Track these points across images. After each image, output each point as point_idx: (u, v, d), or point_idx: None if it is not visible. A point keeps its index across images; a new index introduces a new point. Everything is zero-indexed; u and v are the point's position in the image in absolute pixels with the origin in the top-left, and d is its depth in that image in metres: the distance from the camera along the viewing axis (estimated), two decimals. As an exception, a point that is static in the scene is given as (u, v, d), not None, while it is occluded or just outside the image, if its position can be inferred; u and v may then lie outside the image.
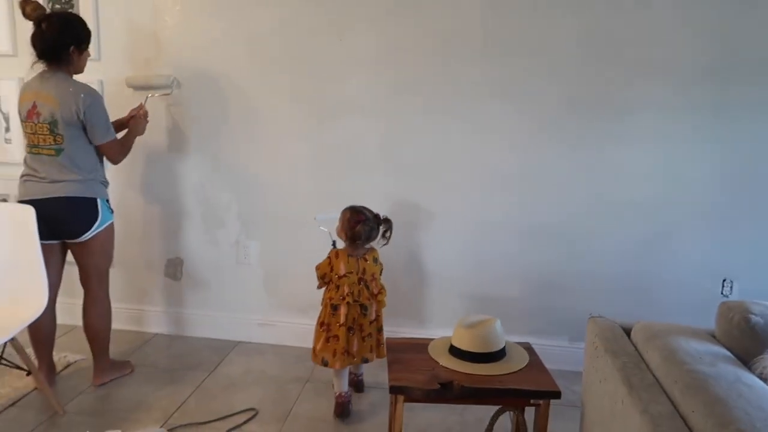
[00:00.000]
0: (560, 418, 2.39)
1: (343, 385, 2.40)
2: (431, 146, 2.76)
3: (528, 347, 2.02)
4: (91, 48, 2.85)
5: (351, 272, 2.35)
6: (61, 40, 2.27)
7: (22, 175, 2.39)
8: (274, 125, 2.84)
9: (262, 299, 3.03)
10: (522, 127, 2.70)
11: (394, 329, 2.91)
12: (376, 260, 2.43)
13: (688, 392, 1.24)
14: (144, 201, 3.02)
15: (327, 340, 2.35)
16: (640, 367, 1.44)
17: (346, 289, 2.33)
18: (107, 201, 2.45)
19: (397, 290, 2.91)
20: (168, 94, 2.86)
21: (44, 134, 2.29)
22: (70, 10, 2.35)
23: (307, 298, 2.98)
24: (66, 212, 2.33)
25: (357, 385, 2.60)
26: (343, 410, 2.38)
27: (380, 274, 2.47)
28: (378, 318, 2.43)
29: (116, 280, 3.06)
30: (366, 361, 2.43)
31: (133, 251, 3.08)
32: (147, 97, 2.75)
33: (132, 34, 2.85)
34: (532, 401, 1.79)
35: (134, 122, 2.58)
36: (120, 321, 3.05)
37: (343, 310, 2.33)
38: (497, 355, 1.89)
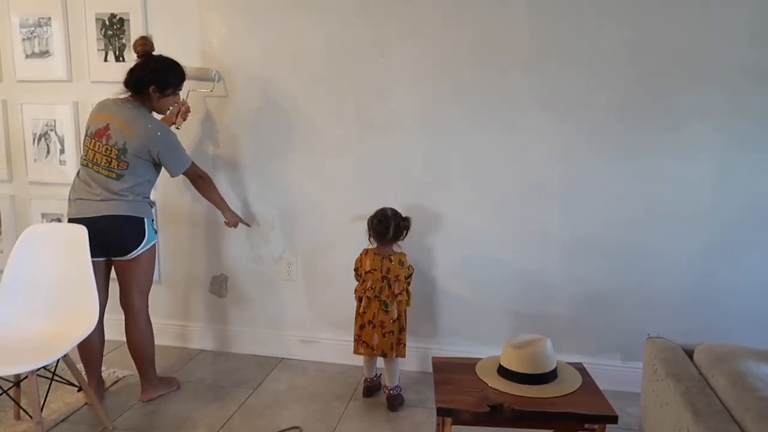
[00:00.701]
0: (615, 443, 2.30)
1: (368, 372, 2.67)
2: (477, 159, 2.72)
3: (580, 368, 1.94)
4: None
5: (375, 269, 2.53)
6: (144, 77, 2.39)
7: (74, 193, 2.45)
8: (319, 141, 2.85)
9: (305, 316, 3.03)
10: (570, 138, 2.63)
11: (440, 347, 2.87)
12: (402, 263, 2.55)
13: (762, 421, 1.16)
14: (189, 218, 3.07)
15: (359, 327, 2.59)
16: (705, 393, 1.36)
17: (369, 284, 2.52)
18: (152, 221, 2.52)
19: (442, 307, 2.87)
20: (210, 90, 2.87)
21: (110, 157, 2.36)
22: (172, 59, 2.47)
23: (350, 316, 2.96)
24: (115, 230, 2.39)
25: (389, 401, 2.58)
26: (368, 392, 2.65)
27: (408, 278, 2.58)
28: (400, 318, 2.54)
29: (162, 297, 3.12)
30: (384, 355, 2.57)
31: (179, 268, 3.12)
32: (189, 92, 2.79)
33: (179, 57, 2.91)
34: (586, 426, 1.71)
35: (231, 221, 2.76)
36: (165, 337, 3.11)
37: (363, 303, 2.55)
38: (548, 377, 1.82)
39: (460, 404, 1.71)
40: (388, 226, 2.52)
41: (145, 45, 2.42)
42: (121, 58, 2.94)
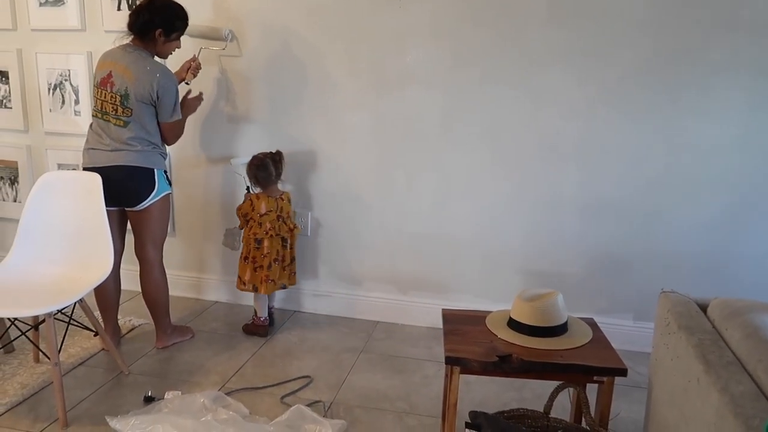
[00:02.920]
0: (623, 399, 2.31)
1: (263, 311, 2.78)
2: (492, 117, 2.67)
3: (592, 323, 1.93)
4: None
5: (271, 210, 2.69)
6: (151, 20, 2.34)
7: (88, 143, 2.47)
8: (332, 96, 2.81)
9: (317, 270, 3.04)
10: (588, 97, 2.56)
11: (451, 303, 2.87)
12: (290, 200, 2.79)
13: (775, 371, 1.15)
14: (204, 171, 3.07)
15: (254, 270, 2.71)
16: (718, 345, 1.35)
17: (269, 225, 2.67)
18: (165, 172, 2.51)
19: (455, 264, 2.86)
20: (223, 48, 2.83)
21: (115, 104, 2.36)
22: (175, 1, 2.43)
23: (360, 270, 2.98)
24: (125, 180, 2.40)
25: (270, 316, 2.84)
26: (260, 331, 2.77)
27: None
28: (292, 249, 2.79)
29: (176, 249, 3.15)
30: (284, 287, 2.80)
31: (193, 221, 3.14)
32: (200, 49, 2.76)
33: (192, 9, 2.87)
34: (595, 378, 1.71)
35: (187, 103, 2.62)
36: (180, 288, 3.15)
37: (266, 243, 2.68)
38: (558, 330, 1.81)
39: (469, 354, 1.71)
40: (268, 168, 2.68)
41: None
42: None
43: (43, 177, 2.37)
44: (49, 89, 3.13)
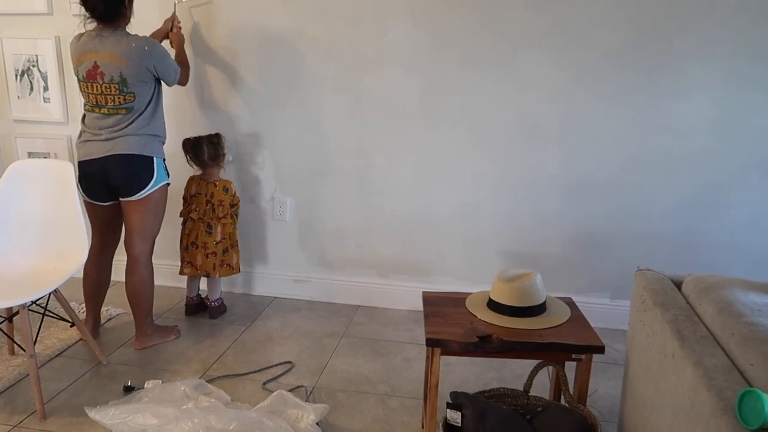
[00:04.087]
0: (601, 376, 2.35)
1: (189, 291, 2.83)
2: (471, 99, 2.67)
3: (570, 302, 1.95)
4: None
5: (200, 193, 2.69)
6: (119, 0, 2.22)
7: (81, 136, 2.37)
8: (310, 78, 2.78)
9: (296, 255, 3.03)
10: (566, 78, 2.57)
11: (432, 286, 2.88)
12: (227, 190, 2.71)
13: (747, 345, 1.17)
14: (181, 156, 3.01)
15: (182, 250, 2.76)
16: (692, 320, 1.37)
17: (194, 206, 2.70)
18: (164, 161, 2.44)
19: (436, 247, 2.87)
20: (205, 2, 2.76)
21: (113, 94, 2.27)
22: None
23: (341, 255, 2.97)
24: (122, 169, 2.31)
25: (210, 311, 2.82)
26: (190, 311, 2.83)
27: (233, 206, 2.75)
28: (224, 240, 2.72)
29: (162, 238, 3.09)
30: (207, 275, 2.74)
31: (171, 207, 3.08)
32: (175, 4, 2.70)
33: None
34: (573, 356, 1.73)
35: (174, 37, 2.60)
36: (164, 278, 3.10)
37: (188, 225, 2.72)
38: (537, 310, 1.83)
39: (450, 335, 1.72)
40: (201, 149, 2.65)
41: None
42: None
43: (12, 165, 2.31)
44: (16, 75, 3.04)
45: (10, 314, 2.28)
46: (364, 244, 2.94)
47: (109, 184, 2.35)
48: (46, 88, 3.02)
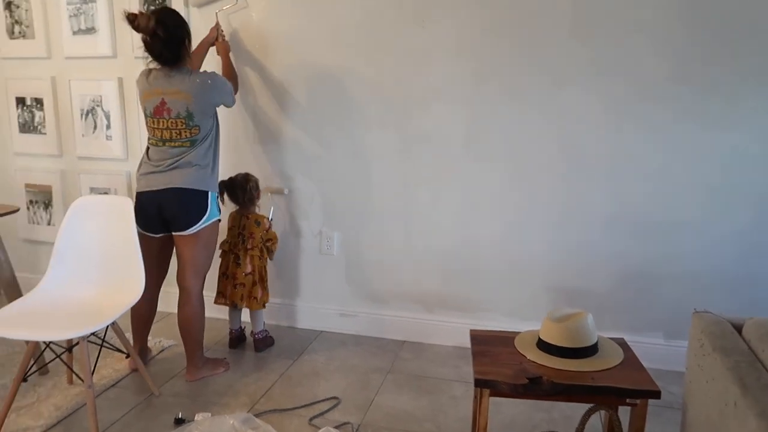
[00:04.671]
0: (657, 420, 2.26)
1: (231, 323, 2.89)
2: (515, 132, 2.67)
3: (622, 343, 1.90)
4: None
5: (234, 226, 2.80)
6: (178, 41, 2.34)
7: (142, 168, 2.47)
8: (357, 115, 2.85)
9: (343, 289, 3.06)
10: (613, 109, 2.55)
11: (478, 322, 2.86)
12: (258, 223, 2.77)
13: (816, 396, 1.12)
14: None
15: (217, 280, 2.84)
16: (755, 367, 1.32)
17: (227, 238, 2.79)
18: (217, 197, 2.52)
19: (481, 282, 2.85)
20: (235, 5, 2.85)
21: (179, 128, 2.38)
22: (169, 7, 2.45)
23: (387, 289, 2.98)
24: (177, 203, 2.40)
25: (255, 344, 2.87)
26: (232, 343, 2.89)
27: (267, 241, 2.80)
28: (253, 273, 2.76)
29: (210, 270, 3.18)
30: (236, 306, 2.80)
31: (221, 239, 3.17)
32: (216, 13, 2.81)
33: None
34: (627, 400, 1.68)
35: (220, 45, 2.74)
36: (209, 309, 3.17)
37: (222, 256, 2.81)
38: (589, 351, 1.79)
39: (499, 376, 1.70)
40: (235, 191, 2.76)
41: (149, 19, 2.27)
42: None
43: (77, 201, 2.43)
44: (81, 115, 3.22)
45: (70, 345, 2.37)
46: (409, 278, 2.94)
47: (164, 217, 2.44)
48: (108, 127, 3.18)
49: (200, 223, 2.43)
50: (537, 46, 2.57)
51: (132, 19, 2.27)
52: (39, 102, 3.28)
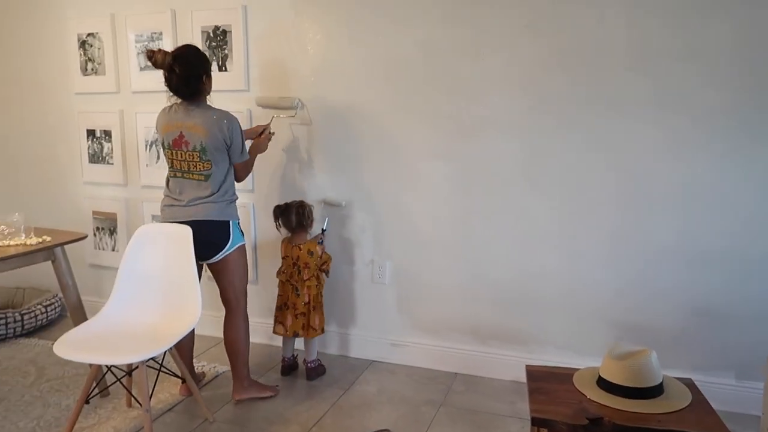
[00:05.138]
0: (729, 468, 2.11)
1: (284, 351, 2.92)
2: (573, 163, 2.62)
3: (690, 384, 1.80)
4: (241, 79, 3.07)
5: (288, 256, 2.82)
6: (195, 76, 2.42)
7: (165, 201, 2.58)
8: (411, 146, 2.86)
9: (395, 319, 3.03)
10: (677, 140, 2.46)
11: (533, 356, 2.77)
12: (311, 253, 2.79)
13: None
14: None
15: (276, 309, 2.88)
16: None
17: (283, 268, 2.83)
18: (238, 224, 2.58)
19: (536, 315, 2.77)
20: (293, 116, 2.99)
21: (194, 161, 2.47)
22: (190, 44, 2.54)
23: (439, 320, 2.94)
24: (202, 234, 2.46)
25: (307, 372, 2.87)
26: (285, 371, 2.91)
27: (321, 266, 2.83)
28: (310, 302, 2.78)
29: (258, 297, 3.24)
30: (296, 335, 2.82)
31: (272, 269, 3.23)
32: (272, 117, 2.90)
33: (277, 64, 3.03)
34: (697, 446, 1.58)
35: (257, 142, 2.77)
36: (261, 336, 3.21)
37: (279, 286, 2.85)
38: (654, 391, 1.70)
39: (557, 415, 1.63)
40: (289, 217, 2.78)
41: (166, 54, 2.40)
42: (223, 68, 3.10)
43: (139, 229, 2.53)
44: (146, 146, 3.36)
45: (130, 369, 2.44)
46: (462, 309, 2.90)
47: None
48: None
49: (225, 249, 2.51)
50: (594, 76, 2.52)
51: (150, 56, 2.43)
52: (107, 134, 3.45)
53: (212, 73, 2.51)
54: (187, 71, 2.40)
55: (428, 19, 2.72)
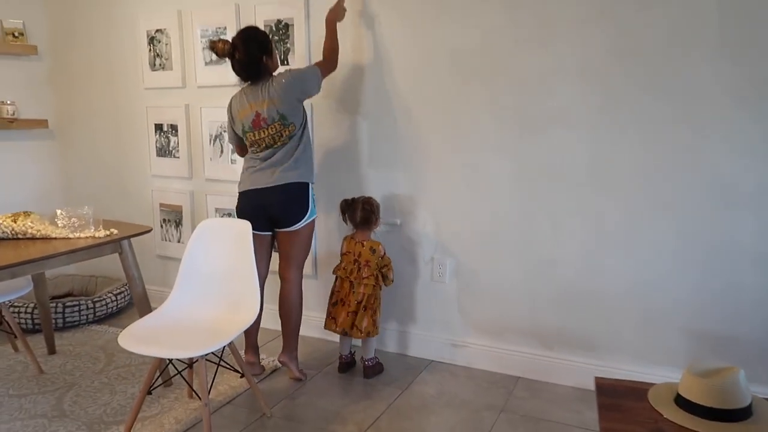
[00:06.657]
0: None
1: (342, 348, 2.87)
2: (646, 159, 2.44)
3: (783, 407, 1.62)
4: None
5: (349, 252, 2.77)
6: (255, 59, 2.52)
7: (247, 170, 2.66)
8: (474, 140, 2.75)
9: (455, 319, 2.94)
10: (760, 134, 2.24)
11: (603, 363, 2.62)
12: (373, 251, 2.73)
13: None
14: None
15: (330, 305, 2.84)
16: None
17: (343, 265, 2.78)
18: (314, 192, 2.68)
19: (608, 321, 2.62)
20: None
21: (279, 130, 2.55)
22: (249, 26, 2.62)
23: (502, 321, 2.83)
24: (284, 201, 2.57)
25: (365, 371, 2.82)
26: (342, 368, 2.86)
27: (382, 267, 2.76)
28: (362, 301, 2.72)
29: (314, 291, 3.23)
30: (345, 333, 2.76)
31: (330, 263, 3.20)
32: None
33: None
34: (792, 478, 1.42)
35: (335, 10, 2.75)
36: (316, 330, 3.20)
37: (337, 282, 2.80)
38: (741, 414, 1.54)
39: (630, 435, 1.51)
40: (355, 209, 2.74)
41: (226, 44, 2.52)
42: (285, 61, 3.08)
43: (201, 224, 2.55)
44: (210, 140, 3.41)
45: (191, 361, 2.47)
46: (527, 311, 2.77)
47: (269, 215, 2.59)
48: (233, 151, 3.33)
49: (302, 221, 2.61)
50: (675, 66, 2.33)
51: (212, 47, 2.55)
52: (174, 128, 3.52)
53: (269, 57, 2.58)
54: (246, 56, 2.51)
55: (490, 6, 2.60)
